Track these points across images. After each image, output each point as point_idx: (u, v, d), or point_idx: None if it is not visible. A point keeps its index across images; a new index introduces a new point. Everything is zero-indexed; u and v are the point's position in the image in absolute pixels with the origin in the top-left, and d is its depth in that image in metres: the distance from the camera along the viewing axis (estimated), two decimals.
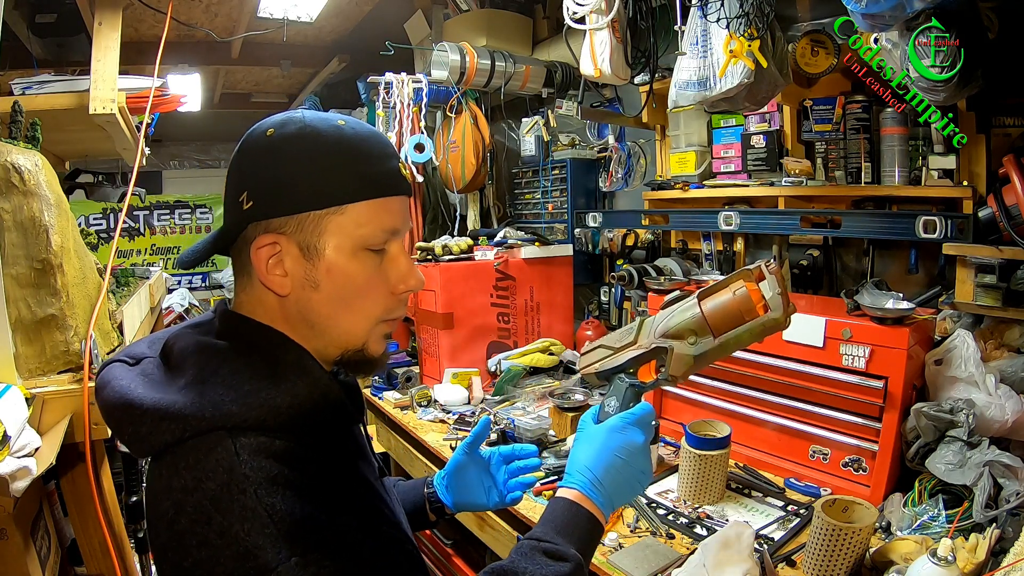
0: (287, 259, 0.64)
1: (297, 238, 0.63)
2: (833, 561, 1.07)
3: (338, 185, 0.63)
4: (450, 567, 1.95)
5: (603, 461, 0.72)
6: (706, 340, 0.75)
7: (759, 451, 1.55)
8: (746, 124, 1.94)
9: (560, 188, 2.68)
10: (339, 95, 4.08)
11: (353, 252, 0.65)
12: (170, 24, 2.22)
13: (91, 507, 1.18)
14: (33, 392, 1.07)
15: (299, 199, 0.63)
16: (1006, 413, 1.22)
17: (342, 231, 0.64)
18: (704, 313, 0.75)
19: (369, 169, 0.65)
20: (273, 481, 0.55)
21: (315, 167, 0.63)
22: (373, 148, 0.66)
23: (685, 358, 0.76)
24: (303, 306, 0.65)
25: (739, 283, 0.75)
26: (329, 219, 0.63)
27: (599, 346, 0.81)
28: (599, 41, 1.78)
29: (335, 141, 0.64)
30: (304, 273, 0.64)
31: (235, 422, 0.57)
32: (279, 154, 0.63)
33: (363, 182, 0.64)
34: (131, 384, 0.61)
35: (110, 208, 4.29)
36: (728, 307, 0.74)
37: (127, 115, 1.70)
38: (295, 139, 0.64)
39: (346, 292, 0.65)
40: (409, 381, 2.34)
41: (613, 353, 0.80)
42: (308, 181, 0.63)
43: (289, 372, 0.63)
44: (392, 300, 0.69)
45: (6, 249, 1.08)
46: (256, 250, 0.63)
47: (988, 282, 1.36)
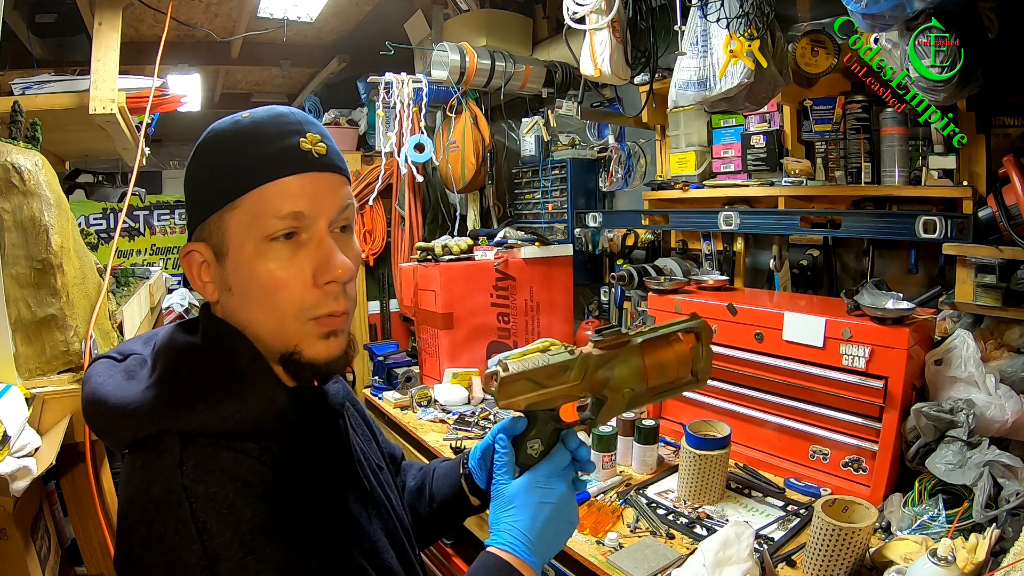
0: (209, 266, 0.64)
1: (211, 243, 0.62)
2: (833, 561, 1.07)
3: (226, 179, 0.61)
4: (450, 567, 1.95)
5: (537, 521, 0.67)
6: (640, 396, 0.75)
7: (759, 451, 1.55)
8: (746, 124, 1.94)
9: (560, 188, 2.68)
10: (339, 95, 4.08)
11: (255, 246, 0.60)
12: (170, 24, 2.22)
13: (91, 507, 1.18)
14: (33, 392, 1.07)
15: (202, 203, 0.62)
16: (1006, 413, 1.22)
17: (238, 225, 0.60)
18: (646, 369, 0.74)
19: (257, 153, 0.60)
20: (211, 498, 0.54)
21: (212, 167, 0.62)
22: (266, 131, 0.61)
23: (617, 409, 0.74)
24: (227, 311, 0.64)
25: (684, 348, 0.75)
26: (227, 216, 0.61)
27: (524, 378, 0.70)
28: (599, 41, 1.78)
29: (228, 136, 0.62)
30: (219, 277, 0.63)
31: (182, 425, 0.57)
32: (192, 165, 0.64)
33: (249, 169, 0.60)
34: (105, 381, 0.62)
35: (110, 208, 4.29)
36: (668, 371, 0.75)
37: (127, 115, 1.70)
38: (201, 146, 0.64)
39: (254, 290, 0.61)
40: (409, 381, 2.34)
41: (542, 390, 0.71)
42: (206, 183, 0.63)
43: (239, 379, 0.61)
44: (314, 294, 0.61)
45: (6, 249, 1.08)
46: (183, 260, 0.64)
47: (988, 282, 1.36)
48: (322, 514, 0.62)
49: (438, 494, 0.86)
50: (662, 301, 1.76)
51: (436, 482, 0.88)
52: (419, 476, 0.91)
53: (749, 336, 1.51)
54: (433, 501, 0.87)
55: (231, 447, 0.58)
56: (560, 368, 0.71)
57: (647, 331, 0.75)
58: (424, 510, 0.87)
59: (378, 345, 2.70)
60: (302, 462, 0.62)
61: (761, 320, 1.49)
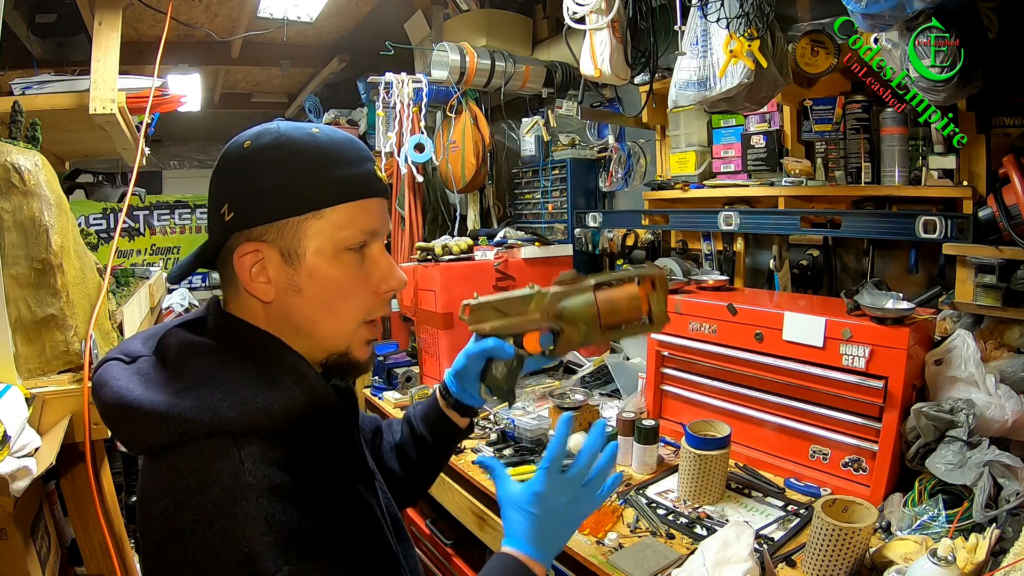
0: (270, 266, 0.65)
1: (278, 244, 0.65)
2: (833, 561, 1.07)
3: (315, 190, 0.64)
4: (450, 567, 1.95)
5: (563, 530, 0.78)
6: (593, 330, 0.81)
7: (759, 451, 1.55)
8: (746, 124, 1.94)
9: (560, 188, 2.68)
10: (339, 95, 4.08)
11: (334, 255, 0.66)
12: (170, 24, 2.22)
13: (91, 507, 1.18)
14: (33, 392, 1.07)
15: (278, 206, 0.64)
16: (1006, 413, 1.22)
17: (322, 234, 0.65)
18: (598, 306, 0.81)
19: (345, 173, 0.66)
20: (275, 491, 0.56)
21: (292, 174, 0.64)
22: (348, 153, 0.67)
23: (572, 343, 0.83)
24: (287, 311, 0.67)
25: (633, 288, 0.81)
26: (308, 224, 0.64)
27: (492, 307, 0.84)
28: (599, 41, 1.78)
29: (310, 148, 0.65)
30: (287, 278, 0.65)
31: (234, 427, 0.58)
32: (256, 164, 0.65)
33: (340, 186, 0.65)
34: (129, 384, 0.62)
35: (110, 208, 4.29)
36: (619, 308, 0.81)
37: (127, 115, 1.70)
38: (271, 149, 0.65)
39: (328, 294, 0.66)
40: (409, 381, 2.34)
41: (506, 318, 0.83)
42: (286, 188, 0.64)
43: (285, 377, 0.64)
44: (374, 300, 0.70)
45: (6, 249, 1.08)
46: (239, 258, 0.65)
47: (988, 282, 1.36)
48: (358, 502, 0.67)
49: (427, 432, 0.93)
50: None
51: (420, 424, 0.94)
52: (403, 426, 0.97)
53: (749, 336, 1.51)
54: (424, 440, 0.93)
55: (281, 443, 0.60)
56: (521, 300, 0.83)
57: (602, 275, 0.83)
58: (414, 454, 0.94)
59: (378, 345, 2.70)
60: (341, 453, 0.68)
61: (761, 320, 1.49)
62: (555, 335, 0.83)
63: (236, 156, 0.66)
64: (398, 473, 0.93)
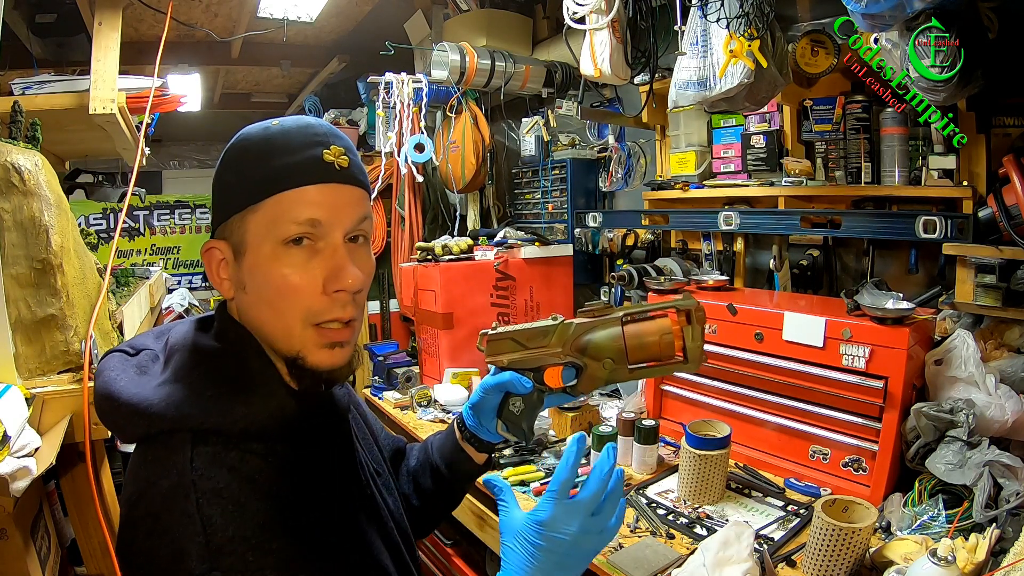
0: (227, 263, 0.66)
1: (231, 241, 0.65)
2: (833, 561, 1.07)
3: (251, 182, 0.63)
4: (450, 567, 1.95)
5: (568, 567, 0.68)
6: (620, 367, 0.75)
7: (759, 451, 1.55)
8: (746, 124, 1.94)
9: (560, 188, 2.68)
10: (339, 95, 4.08)
11: (272, 249, 0.62)
12: (170, 24, 2.22)
13: (91, 507, 1.18)
14: (33, 392, 1.07)
15: (227, 203, 0.65)
16: (1006, 413, 1.22)
17: (258, 227, 0.63)
18: (625, 340, 0.74)
19: (283, 161, 0.63)
20: (218, 493, 0.56)
21: (238, 169, 0.65)
22: (293, 139, 0.64)
23: (596, 380, 0.76)
24: (241, 310, 0.67)
25: (665, 322, 0.74)
26: (248, 218, 0.63)
27: (510, 338, 0.78)
28: (599, 41, 1.78)
29: (256, 141, 0.65)
30: (236, 275, 0.66)
31: (194, 425, 0.59)
32: (221, 164, 0.67)
33: (274, 175, 0.63)
34: (118, 376, 0.64)
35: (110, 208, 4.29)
36: (648, 344, 0.74)
37: (127, 115, 1.70)
38: (231, 148, 0.67)
39: (268, 292, 0.63)
40: (409, 381, 2.34)
41: (525, 351, 0.77)
42: (233, 184, 0.65)
43: (250, 382, 0.64)
44: (322, 301, 0.63)
45: (6, 249, 1.08)
46: (203, 255, 0.67)
47: (988, 282, 1.36)
48: (323, 514, 0.64)
49: (442, 462, 0.89)
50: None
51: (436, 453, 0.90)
52: (420, 453, 0.94)
53: (749, 336, 1.51)
54: (438, 471, 0.89)
55: (239, 447, 0.60)
56: (541, 332, 0.77)
57: (633, 307, 0.77)
58: (428, 483, 0.90)
59: (378, 345, 2.70)
60: (305, 464, 0.65)
61: (761, 320, 1.49)
62: (578, 370, 0.77)
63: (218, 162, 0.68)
64: (413, 501, 0.90)
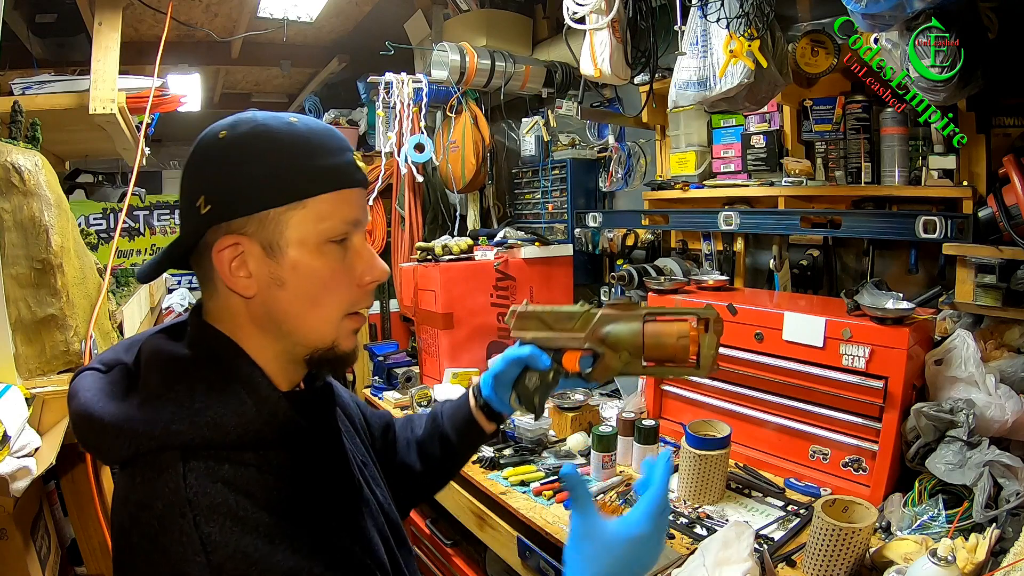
0: (250, 260, 0.62)
1: (259, 237, 0.62)
2: (833, 561, 1.07)
3: (296, 180, 0.62)
4: (450, 567, 1.95)
5: None
6: (635, 361, 0.79)
7: (759, 451, 1.55)
8: (746, 124, 1.94)
9: (560, 188, 2.68)
10: (339, 95, 4.08)
11: (317, 246, 0.64)
12: (170, 24, 2.22)
13: (91, 507, 1.18)
14: (33, 392, 1.07)
15: (258, 197, 0.62)
16: (1006, 413, 1.22)
17: (304, 225, 0.63)
18: (644, 338, 0.78)
19: (326, 162, 0.64)
20: (215, 509, 0.55)
21: (271, 164, 0.62)
22: (328, 142, 0.66)
23: (611, 370, 0.80)
24: (270, 306, 0.64)
25: (684, 326, 0.77)
26: (290, 215, 0.62)
27: (537, 317, 0.84)
28: (599, 41, 1.78)
29: (290, 137, 0.63)
30: (269, 272, 0.63)
31: (184, 441, 0.57)
32: (234, 154, 0.62)
33: (321, 175, 0.63)
34: (95, 396, 0.61)
35: (110, 208, 4.29)
36: (665, 344, 0.77)
37: (127, 115, 1.70)
38: (250, 138, 0.63)
39: (312, 287, 0.64)
40: (409, 381, 2.34)
41: (549, 332, 0.83)
42: (265, 179, 0.62)
43: (239, 389, 0.62)
44: (358, 292, 0.68)
45: (6, 249, 1.08)
46: (218, 253, 0.62)
47: (988, 282, 1.36)
48: (324, 517, 0.63)
49: (452, 430, 0.93)
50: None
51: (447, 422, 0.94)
52: (428, 423, 0.96)
53: (749, 336, 1.51)
54: (447, 438, 0.93)
55: (230, 459, 0.58)
56: (567, 316, 0.82)
57: (658, 307, 0.80)
58: (436, 451, 0.93)
59: (378, 345, 2.70)
60: (300, 468, 0.63)
61: (761, 320, 1.49)
62: (595, 358, 0.81)
63: (212, 146, 0.63)
64: (416, 469, 0.93)
